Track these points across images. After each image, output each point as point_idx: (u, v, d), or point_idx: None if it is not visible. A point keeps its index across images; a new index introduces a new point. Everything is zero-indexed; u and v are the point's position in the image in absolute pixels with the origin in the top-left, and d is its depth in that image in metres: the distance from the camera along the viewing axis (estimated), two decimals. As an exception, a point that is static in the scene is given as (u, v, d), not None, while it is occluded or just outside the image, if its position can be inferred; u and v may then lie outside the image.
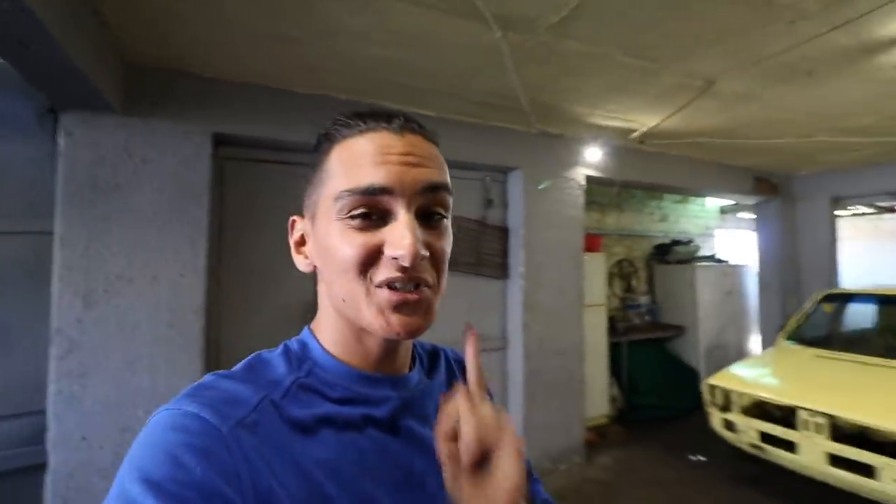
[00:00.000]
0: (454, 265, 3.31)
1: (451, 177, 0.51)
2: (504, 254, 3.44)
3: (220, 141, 2.51)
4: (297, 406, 0.46)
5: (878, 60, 2.24)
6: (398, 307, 0.46)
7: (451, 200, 0.51)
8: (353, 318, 0.49)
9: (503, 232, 3.45)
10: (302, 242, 0.55)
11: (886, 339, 3.69)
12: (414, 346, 0.62)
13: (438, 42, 2.06)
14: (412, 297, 0.46)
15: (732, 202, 5.70)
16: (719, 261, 5.48)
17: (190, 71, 2.34)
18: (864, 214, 6.11)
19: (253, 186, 2.65)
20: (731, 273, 5.29)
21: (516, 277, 3.38)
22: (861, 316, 4.09)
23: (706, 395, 3.32)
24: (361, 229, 0.46)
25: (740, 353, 5.05)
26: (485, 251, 3.36)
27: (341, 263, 0.46)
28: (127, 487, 0.36)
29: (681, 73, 2.39)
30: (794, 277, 5.05)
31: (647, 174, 3.94)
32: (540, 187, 3.40)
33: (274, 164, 2.71)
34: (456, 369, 0.66)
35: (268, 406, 0.44)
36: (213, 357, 2.49)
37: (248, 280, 2.62)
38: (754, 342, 5.32)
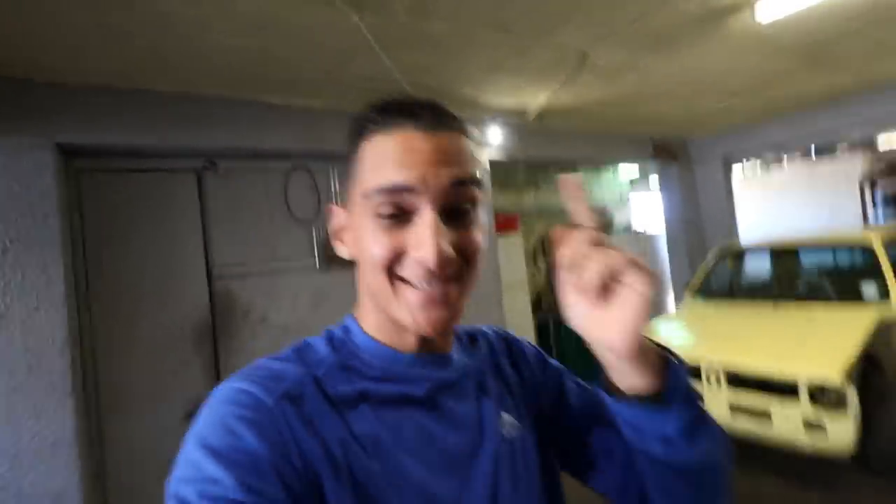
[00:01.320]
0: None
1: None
2: (416, 244, 3.39)
3: (69, 152, 2.24)
4: (338, 382, 0.49)
5: (726, 25, 2.36)
6: (424, 305, 0.48)
7: (480, 192, 0.51)
8: (385, 310, 0.51)
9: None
10: (340, 231, 0.57)
11: (778, 287, 4.03)
12: (455, 328, 0.63)
13: (293, 28, 1.93)
14: (439, 294, 0.48)
15: (638, 172, 5.97)
16: (633, 231, 5.76)
17: (19, 76, 2.05)
18: (753, 171, 6.63)
19: (115, 199, 2.40)
20: (643, 241, 5.57)
21: (430, 266, 3.33)
22: (759, 267, 4.44)
23: (622, 359, 3.46)
24: (388, 228, 0.47)
25: (656, 315, 5.36)
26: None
27: (370, 260, 0.48)
28: (190, 452, 0.41)
29: (552, 48, 2.40)
30: (699, 236, 5.40)
31: (550, 151, 4.01)
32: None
33: (136, 173, 2.47)
34: (497, 346, 0.66)
35: (310, 382, 0.48)
36: (93, 395, 2.26)
37: (122, 302, 2.38)
38: (669, 301, 5.66)
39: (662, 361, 0.48)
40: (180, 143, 2.46)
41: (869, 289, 3.22)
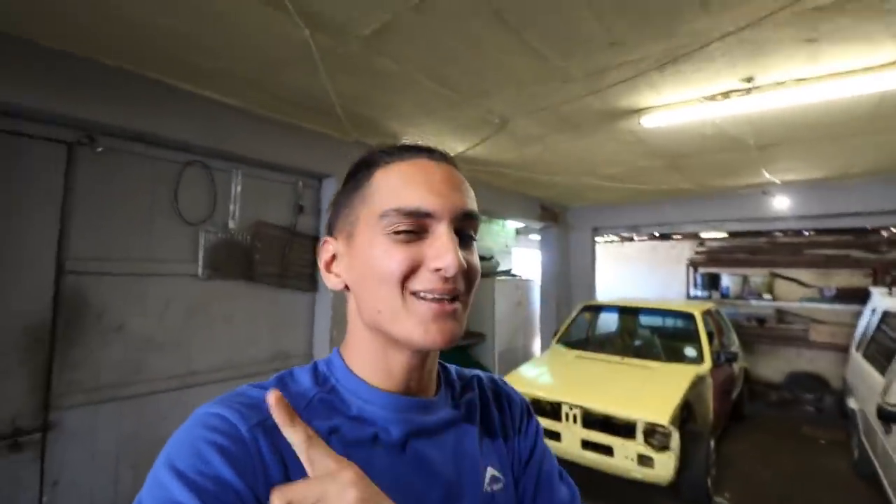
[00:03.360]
0: (254, 276, 2.91)
1: (257, 178, 0.58)
2: (314, 265, 3.26)
3: None
4: (315, 417, 0.49)
5: (620, 125, 2.85)
6: (437, 317, 0.49)
7: (478, 226, 0.56)
8: (388, 330, 0.50)
9: (314, 241, 3.27)
10: (331, 262, 0.57)
11: (623, 341, 4.75)
12: (448, 373, 0.64)
13: (233, 22, 1.81)
14: (449, 307, 0.50)
15: (524, 225, 6.60)
16: (514, 275, 6.28)
17: None
18: (612, 242, 7.80)
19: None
20: (521, 286, 6.10)
21: (325, 291, 3.23)
22: (610, 322, 5.18)
23: (496, 398, 3.70)
24: (404, 243, 0.50)
25: (526, 356, 5.86)
26: (293, 262, 3.13)
27: (383, 274, 0.49)
28: (159, 473, 0.41)
29: (482, 109, 2.63)
30: (567, 290, 6.12)
31: (456, 195, 4.25)
32: None
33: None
34: (488, 393, 0.66)
35: None
36: None
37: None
38: (536, 345, 6.24)
39: None
40: (51, 107, 2.06)
41: (689, 351, 3.99)
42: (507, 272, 6.29)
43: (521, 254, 7.51)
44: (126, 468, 2.42)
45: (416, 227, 0.50)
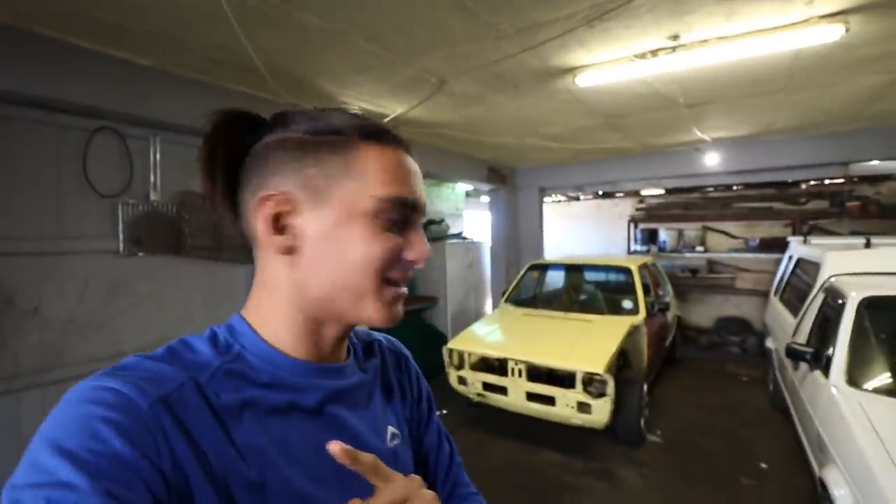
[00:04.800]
0: (184, 250, 2.77)
1: (180, 144, 0.65)
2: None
3: None
4: (223, 390, 0.46)
5: (556, 84, 2.84)
6: (396, 301, 0.53)
7: None
8: (341, 309, 0.51)
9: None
10: (278, 219, 0.50)
11: (569, 297, 4.95)
12: (350, 336, 0.63)
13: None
14: (404, 292, 0.54)
15: (473, 187, 6.61)
16: (464, 238, 6.33)
17: None
18: (559, 201, 7.99)
19: None
20: (472, 248, 6.17)
21: (266, 261, 3.12)
22: (556, 280, 5.37)
23: (445, 358, 3.80)
24: (391, 232, 0.51)
25: (478, 316, 6.00)
26: (227, 233, 2.98)
27: (364, 257, 0.49)
28: (39, 456, 0.36)
29: (418, 68, 2.54)
30: (516, 251, 6.26)
31: (400, 158, 4.16)
32: None
33: None
34: (389, 358, 0.68)
35: (192, 387, 0.45)
36: None
37: None
38: (488, 305, 6.40)
39: None
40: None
41: (626, 303, 4.22)
42: (458, 235, 6.33)
43: (472, 216, 7.55)
44: (57, 455, 2.31)
45: (403, 218, 0.52)
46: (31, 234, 2.24)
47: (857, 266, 3.22)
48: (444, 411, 4.14)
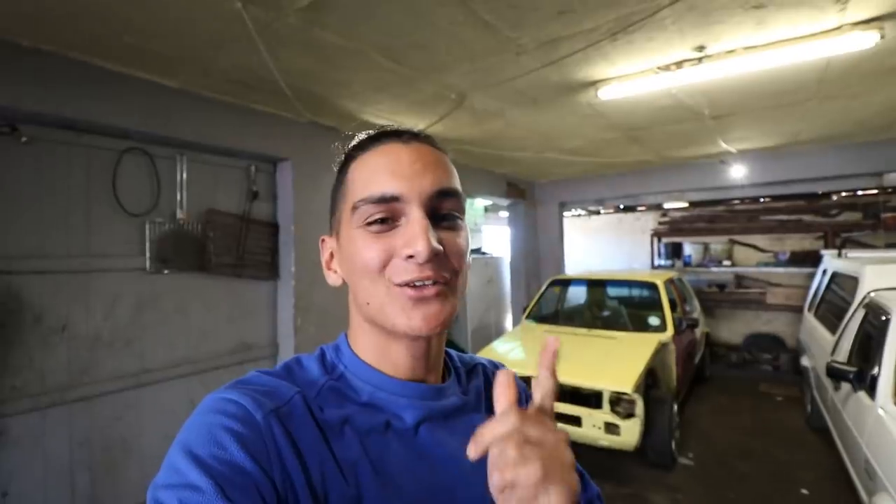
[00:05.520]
0: (208, 267, 2.80)
1: (205, 163, 0.58)
2: (273, 252, 3.16)
3: None
4: (327, 406, 0.49)
5: (578, 97, 2.82)
6: (417, 304, 0.48)
7: (463, 203, 0.54)
8: (379, 320, 0.50)
9: (272, 228, 3.15)
10: (331, 260, 0.57)
11: (591, 313, 4.83)
12: (452, 359, 0.63)
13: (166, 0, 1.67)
14: (429, 292, 0.48)
15: (492, 202, 6.59)
16: (484, 253, 6.29)
17: None
18: (579, 215, 7.89)
19: None
20: (491, 263, 6.12)
21: (287, 278, 3.14)
22: (578, 295, 5.26)
23: (467, 376, 3.72)
24: (378, 233, 0.49)
25: (499, 332, 5.92)
26: (249, 250, 3.01)
27: (363, 267, 0.49)
28: (174, 459, 0.41)
29: (438, 84, 2.55)
30: (536, 266, 6.17)
31: (420, 174, 4.17)
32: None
33: None
34: (493, 379, 0.58)
35: (300, 402, 0.47)
36: None
37: None
38: (508, 322, 6.31)
39: None
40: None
41: (653, 319, 4.09)
42: (478, 250, 6.30)
43: (491, 231, 7.51)
44: (82, 473, 2.32)
45: (387, 214, 0.49)
46: (60, 252, 2.29)
47: (898, 280, 3.06)
48: (465, 430, 4.05)
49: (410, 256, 0.47)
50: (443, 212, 0.51)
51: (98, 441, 2.37)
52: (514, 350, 3.99)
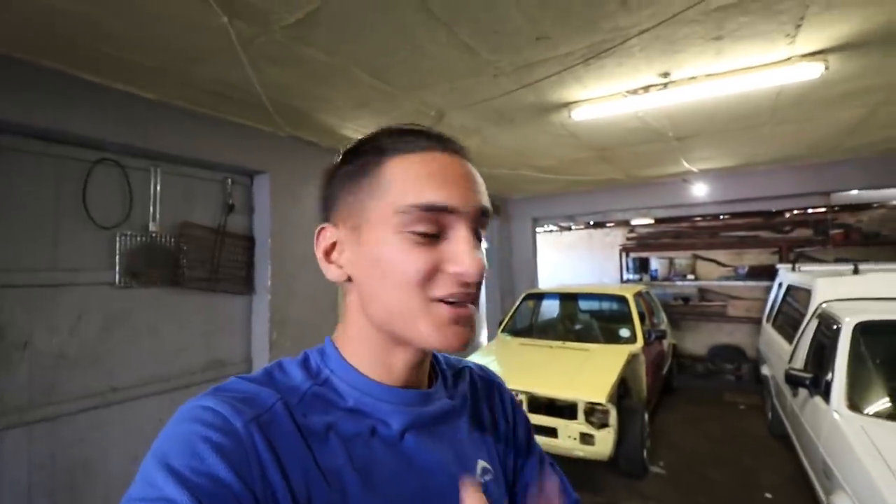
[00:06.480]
0: (181, 281, 2.74)
1: (181, 175, 0.44)
2: (249, 266, 3.11)
3: None
4: (310, 412, 0.47)
5: (552, 118, 2.94)
6: (455, 322, 0.47)
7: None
8: (401, 332, 0.49)
9: (247, 241, 3.11)
10: (330, 251, 0.53)
11: (564, 326, 4.95)
12: (439, 362, 0.62)
13: (142, 8, 1.67)
14: (466, 311, 0.48)
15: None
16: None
17: None
18: (552, 231, 8.09)
19: None
20: (467, 278, 6.16)
21: (263, 292, 3.09)
22: (551, 309, 5.37)
23: (444, 390, 3.72)
24: (423, 245, 0.47)
25: (474, 347, 5.94)
26: (224, 264, 2.96)
27: (401, 277, 0.47)
28: (150, 471, 0.39)
29: (417, 102, 2.61)
30: (510, 280, 6.27)
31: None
32: None
33: None
34: (479, 386, 0.65)
35: (281, 409, 0.46)
36: None
37: None
38: (484, 336, 6.35)
39: None
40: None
41: (624, 331, 4.22)
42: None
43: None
44: (41, 497, 2.20)
45: (435, 226, 0.47)
46: (24, 265, 2.20)
47: (846, 292, 3.29)
48: (442, 445, 4.03)
49: (458, 273, 0.46)
50: (480, 231, 0.51)
51: (60, 463, 2.25)
52: (490, 363, 4.02)
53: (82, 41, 1.88)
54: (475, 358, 4.18)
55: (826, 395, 2.45)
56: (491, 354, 4.28)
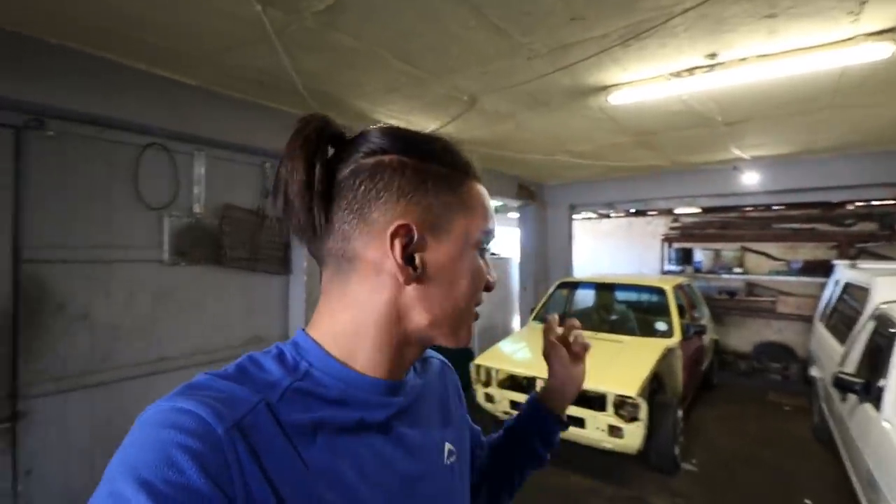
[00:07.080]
0: (223, 261, 2.85)
1: (223, 160, 0.45)
2: (286, 247, 3.23)
3: None
4: (294, 410, 0.45)
5: (588, 101, 2.84)
6: (473, 323, 0.57)
7: None
8: (437, 335, 0.53)
9: (285, 224, 3.22)
10: (404, 250, 0.49)
11: (598, 316, 4.84)
12: None
13: (188, 1, 1.74)
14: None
15: (502, 203, 6.61)
16: (493, 254, 6.31)
17: None
18: (589, 218, 7.87)
19: None
20: (500, 264, 6.14)
21: (299, 273, 3.21)
22: (586, 298, 5.27)
23: (472, 374, 3.77)
24: (482, 261, 0.55)
25: (505, 333, 5.93)
26: (263, 245, 3.09)
27: (472, 288, 0.53)
28: (119, 487, 0.36)
29: (449, 86, 2.59)
30: (544, 267, 6.19)
31: (431, 174, 4.22)
32: None
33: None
34: (445, 372, 0.70)
35: (264, 409, 0.43)
36: None
37: None
38: (516, 322, 6.33)
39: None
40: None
41: (660, 324, 4.09)
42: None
43: (500, 232, 7.53)
44: (101, 455, 2.41)
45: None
46: (83, 243, 2.38)
47: (910, 293, 3.03)
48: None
49: (490, 283, 0.56)
50: None
51: (117, 424, 2.46)
52: (520, 350, 4.01)
53: (127, 32, 1.98)
54: (505, 343, 4.18)
55: (877, 403, 2.29)
56: (522, 341, 4.27)
